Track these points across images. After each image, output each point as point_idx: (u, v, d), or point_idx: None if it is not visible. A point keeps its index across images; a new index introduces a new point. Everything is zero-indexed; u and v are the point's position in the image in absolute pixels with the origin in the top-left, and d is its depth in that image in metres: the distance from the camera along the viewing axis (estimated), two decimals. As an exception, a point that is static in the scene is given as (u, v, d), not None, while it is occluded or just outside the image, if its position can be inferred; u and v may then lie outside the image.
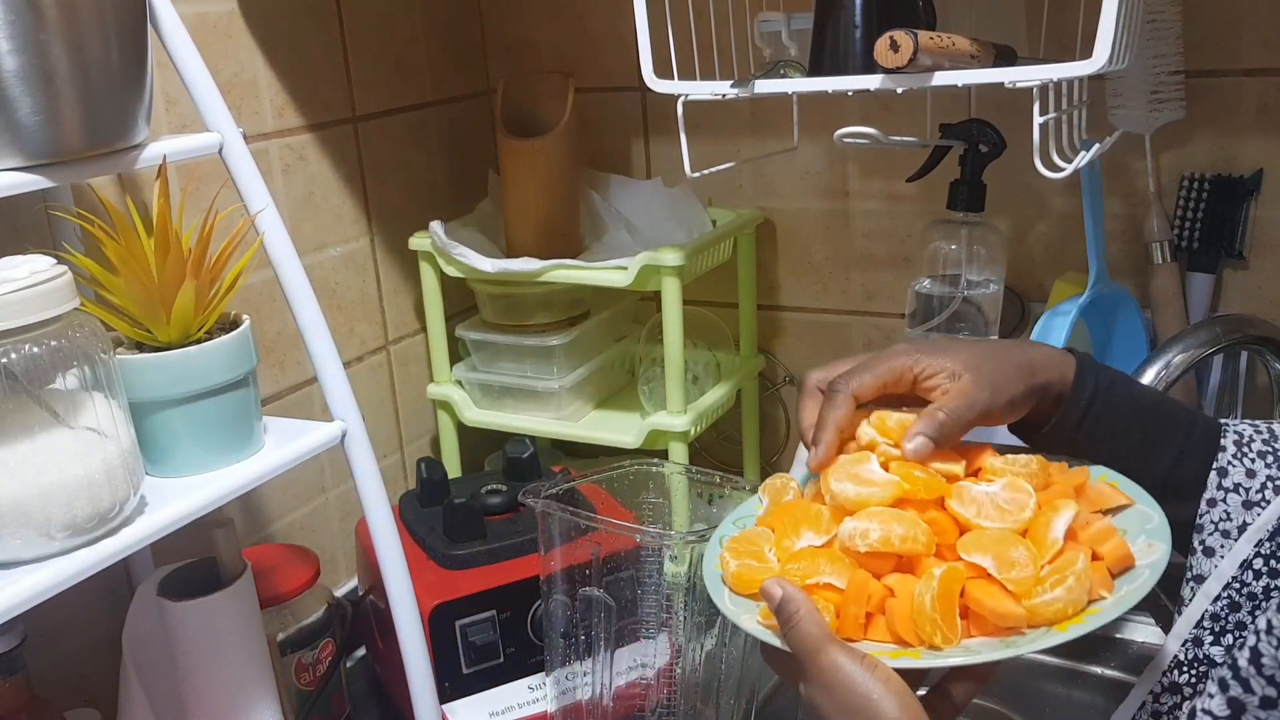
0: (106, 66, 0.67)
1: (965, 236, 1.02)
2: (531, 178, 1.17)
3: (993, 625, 0.58)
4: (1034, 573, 0.58)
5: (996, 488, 0.63)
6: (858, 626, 0.59)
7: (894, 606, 0.59)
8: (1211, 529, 0.68)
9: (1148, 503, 0.64)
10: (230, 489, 0.74)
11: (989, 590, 0.58)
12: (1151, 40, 0.97)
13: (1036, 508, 0.61)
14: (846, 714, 0.55)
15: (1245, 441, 0.69)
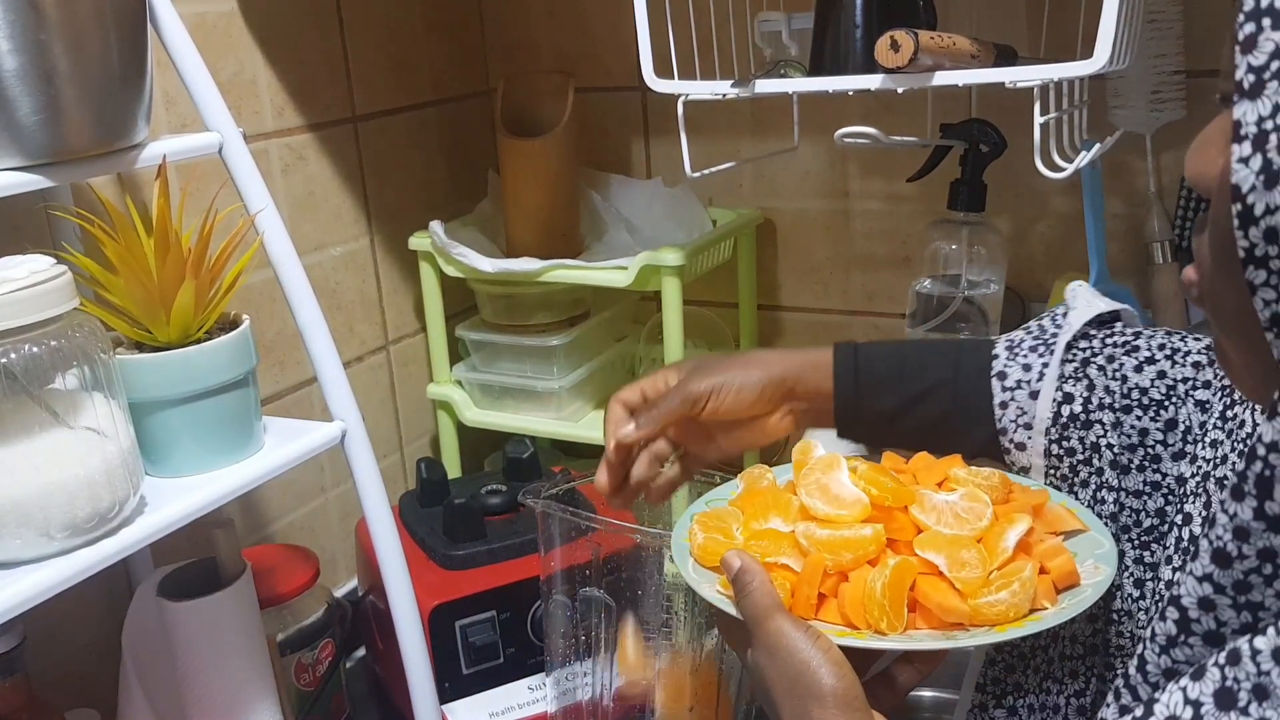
0: (106, 66, 0.67)
1: (966, 236, 1.02)
2: (531, 178, 1.17)
3: (938, 620, 0.61)
4: (982, 574, 0.61)
5: (956, 497, 0.66)
6: (809, 606, 0.62)
7: (845, 590, 0.62)
8: (1013, 427, 0.72)
9: (1100, 531, 0.67)
10: (230, 489, 0.74)
11: (938, 586, 0.61)
12: (1152, 40, 0.97)
13: (993, 518, 0.65)
14: (786, 678, 0.58)
15: (1016, 344, 0.75)
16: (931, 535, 0.64)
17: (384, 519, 0.84)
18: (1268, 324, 0.40)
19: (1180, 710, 0.41)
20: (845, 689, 0.57)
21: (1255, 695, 0.39)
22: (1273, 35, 0.38)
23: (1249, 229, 0.39)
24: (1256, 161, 0.38)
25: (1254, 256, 0.39)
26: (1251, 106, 0.38)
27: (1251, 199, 0.38)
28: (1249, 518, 0.42)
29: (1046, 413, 0.71)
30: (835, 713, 0.56)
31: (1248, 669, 0.39)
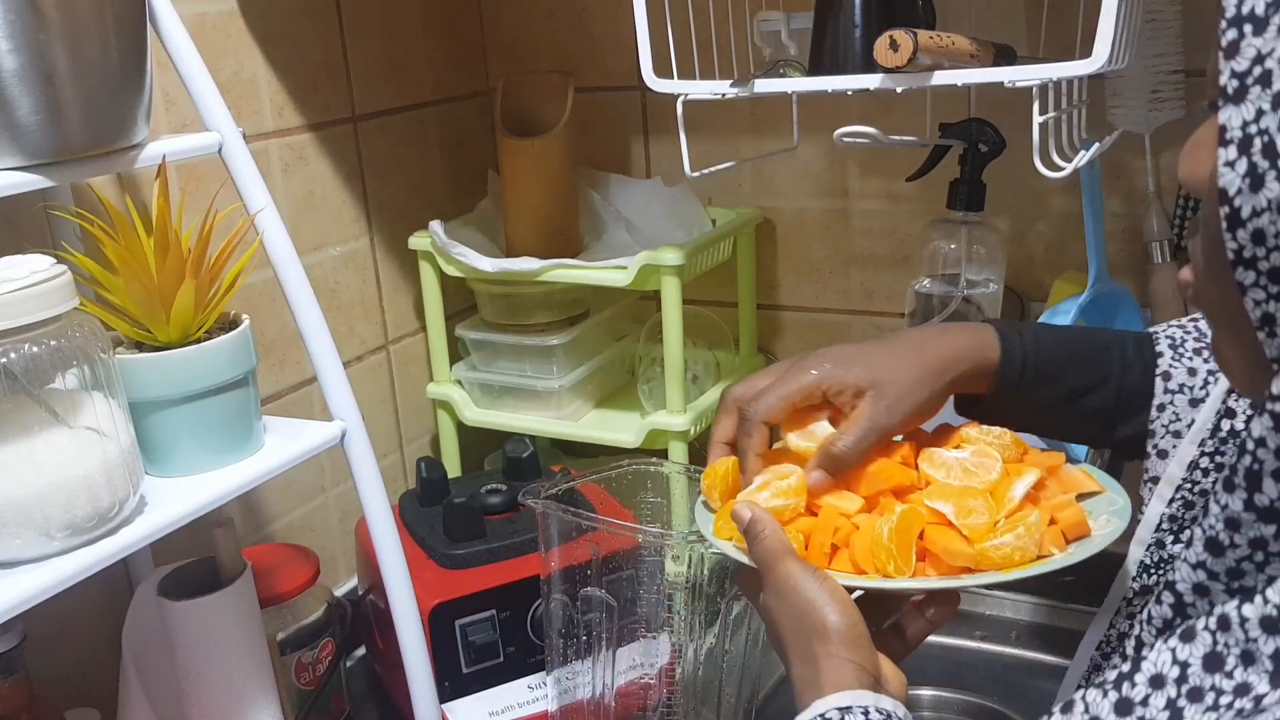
0: (106, 66, 0.67)
1: (965, 236, 1.02)
2: (531, 177, 1.17)
3: (946, 566, 0.63)
4: (989, 521, 0.63)
5: (966, 454, 0.68)
6: (823, 556, 0.65)
7: (856, 539, 0.64)
8: (1163, 432, 0.70)
9: (1116, 490, 0.68)
10: (230, 489, 0.74)
11: (946, 533, 0.63)
12: (1151, 39, 0.97)
13: (1002, 472, 0.67)
14: (794, 616, 0.60)
15: (1179, 343, 0.73)
16: (940, 486, 0.66)
17: (384, 518, 0.84)
18: (1258, 323, 0.41)
19: (1167, 669, 0.42)
20: (848, 626, 0.59)
21: (1242, 661, 0.40)
22: (1254, 41, 0.39)
23: (1237, 231, 0.39)
24: (1242, 165, 0.39)
25: (1243, 258, 0.40)
26: (1236, 111, 0.39)
27: (1238, 202, 0.39)
28: (1240, 509, 0.43)
29: (1208, 423, 0.67)
30: (838, 648, 0.58)
31: (1236, 635, 0.40)
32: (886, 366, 0.68)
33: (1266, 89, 0.38)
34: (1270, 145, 0.38)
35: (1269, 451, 0.40)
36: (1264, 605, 0.39)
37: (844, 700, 0.57)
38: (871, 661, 0.59)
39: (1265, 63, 0.38)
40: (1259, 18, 0.38)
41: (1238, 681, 0.39)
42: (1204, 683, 0.40)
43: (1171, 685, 0.41)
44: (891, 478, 0.67)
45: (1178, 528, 0.68)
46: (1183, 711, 0.40)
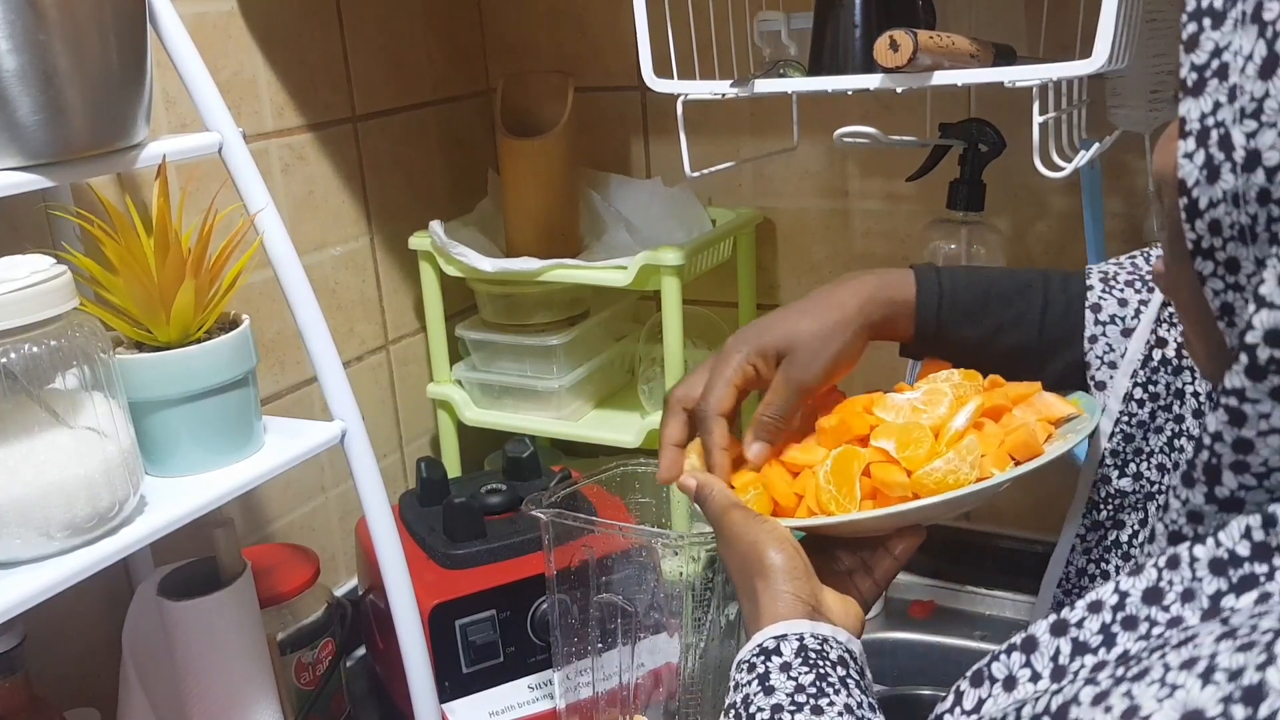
0: (106, 66, 0.67)
1: (965, 236, 1.02)
2: (531, 177, 1.17)
3: (888, 499, 0.66)
4: (927, 451, 0.66)
5: (917, 394, 0.71)
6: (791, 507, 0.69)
7: (805, 485, 0.69)
8: (1098, 364, 0.71)
9: (1091, 409, 0.70)
10: (230, 489, 0.74)
11: (887, 468, 0.66)
12: (1151, 39, 0.97)
13: (951, 406, 0.69)
14: (741, 557, 0.64)
15: (1110, 276, 0.73)
16: (886, 426, 0.69)
17: (384, 518, 0.84)
18: (1218, 313, 0.41)
19: (1106, 597, 0.42)
20: (785, 560, 0.62)
21: (1182, 598, 0.40)
22: (1212, 34, 0.39)
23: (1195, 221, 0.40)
24: (1200, 157, 0.39)
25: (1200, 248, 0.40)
26: (1195, 103, 0.40)
27: (1196, 193, 0.39)
28: (1201, 502, 0.43)
29: (1138, 353, 0.69)
30: (777, 582, 0.61)
31: (1184, 574, 0.40)
32: (799, 326, 0.72)
33: (1223, 82, 0.39)
34: (1226, 138, 0.38)
35: (1225, 445, 0.41)
36: (1215, 548, 0.40)
37: (780, 629, 0.59)
38: (809, 592, 0.62)
39: (1222, 55, 0.39)
40: (1217, 11, 0.39)
41: (1172, 615, 0.39)
42: (1139, 612, 0.41)
43: (1108, 611, 0.41)
44: (851, 429, 0.70)
45: (1120, 462, 0.69)
46: (1115, 637, 0.41)
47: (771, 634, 0.59)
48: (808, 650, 0.58)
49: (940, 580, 1.23)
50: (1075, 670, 0.41)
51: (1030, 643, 0.43)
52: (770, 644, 0.59)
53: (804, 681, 0.56)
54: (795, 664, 0.57)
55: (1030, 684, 0.42)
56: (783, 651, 0.58)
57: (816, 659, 0.58)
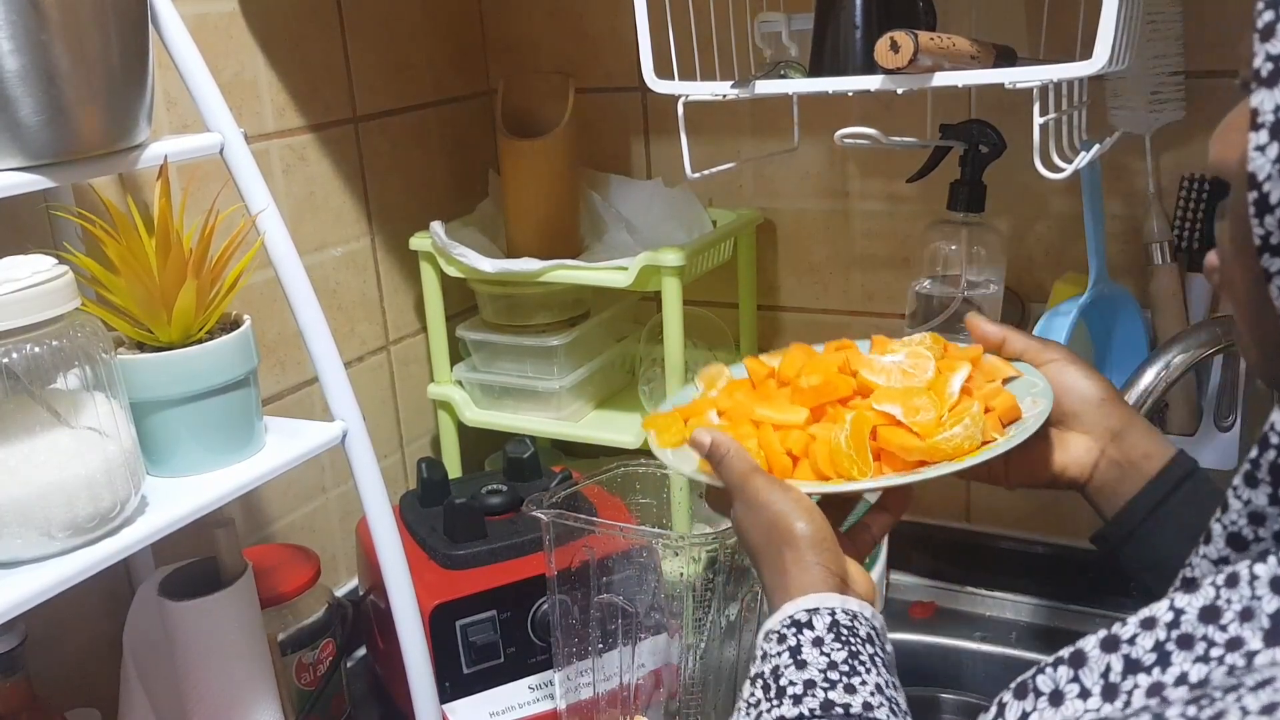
0: (108, 67, 0.67)
1: (965, 237, 1.02)
2: (531, 178, 1.17)
3: (901, 462, 0.68)
4: (936, 417, 0.68)
5: (900, 356, 0.74)
6: (785, 469, 0.70)
7: (815, 449, 0.69)
8: None
9: (1033, 373, 0.74)
10: (231, 489, 0.74)
11: (897, 432, 0.68)
12: (1151, 41, 0.97)
13: (936, 370, 0.73)
14: (763, 527, 0.64)
15: None
16: (884, 390, 0.71)
17: (384, 519, 0.84)
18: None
19: (1161, 614, 0.40)
20: (814, 531, 0.62)
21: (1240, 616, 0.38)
22: None
23: (1264, 217, 0.38)
24: (1273, 150, 0.38)
25: (1269, 244, 0.39)
26: (1269, 95, 0.38)
27: (1268, 187, 0.38)
28: (1264, 503, 0.41)
29: None
30: (806, 553, 0.61)
31: (1242, 592, 0.39)
32: None
33: None
34: None
35: None
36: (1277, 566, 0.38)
37: (811, 602, 0.59)
38: (839, 565, 0.62)
39: None
40: None
41: (1231, 635, 0.38)
42: (1196, 631, 0.39)
43: (1162, 629, 0.40)
44: (835, 390, 0.72)
45: None
46: (1170, 655, 0.39)
47: (804, 606, 0.59)
48: (839, 626, 0.58)
49: (940, 581, 1.23)
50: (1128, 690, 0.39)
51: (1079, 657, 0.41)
52: (802, 616, 0.59)
53: (837, 659, 0.57)
54: (828, 639, 0.58)
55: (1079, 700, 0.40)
56: (815, 625, 0.58)
57: (849, 636, 0.58)
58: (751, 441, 0.71)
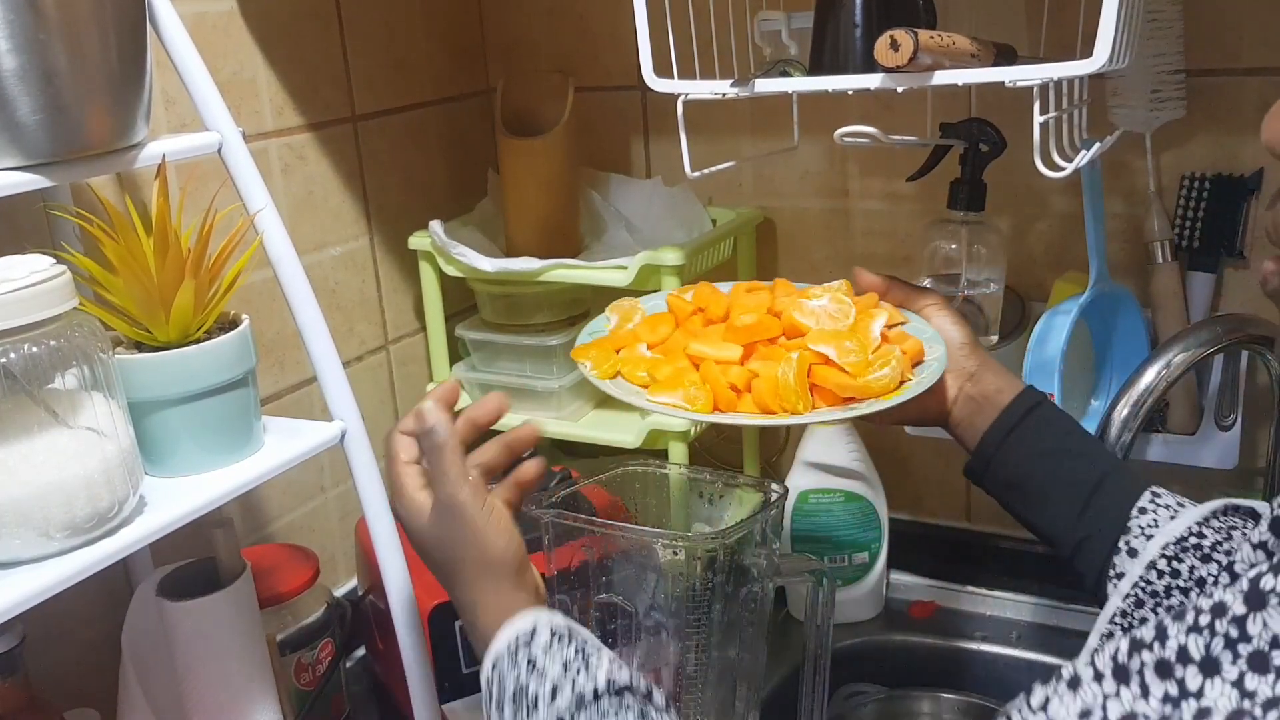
0: (106, 66, 0.67)
1: (965, 236, 1.02)
2: (531, 177, 1.17)
3: (834, 397, 0.76)
4: (864, 358, 0.77)
5: (825, 301, 0.82)
6: (730, 401, 0.76)
7: (759, 385, 0.76)
8: (1138, 532, 0.73)
9: (919, 320, 0.85)
10: (230, 489, 0.74)
11: (830, 371, 0.76)
12: (1152, 39, 0.97)
13: (856, 316, 0.81)
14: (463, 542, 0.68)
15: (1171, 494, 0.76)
16: (818, 332, 0.79)
17: (384, 519, 0.84)
18: None
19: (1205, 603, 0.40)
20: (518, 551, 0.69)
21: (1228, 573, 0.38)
22: None
23: None
24: None
25: None
26: None
27: None
28: None
29: (1178, 530, 0.71)
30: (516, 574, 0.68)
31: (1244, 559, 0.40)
32: None
33: None
34: None
35: None
36: None
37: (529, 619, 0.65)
38: (537, 579, 0.70)
39: None
40: None
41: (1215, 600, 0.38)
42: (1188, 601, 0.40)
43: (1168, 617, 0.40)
44: (767, 329, 0.79)
45: (1127, 623, 0.70)
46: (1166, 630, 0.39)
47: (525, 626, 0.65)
48: (558, 635, 0.64)
49: (940, 581, 1.23)
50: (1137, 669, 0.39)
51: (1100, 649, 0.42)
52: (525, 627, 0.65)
53: (569, 657, 0.63)
54: (554, 645, 0.64)
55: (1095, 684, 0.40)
56: (539, 635, 0.64)
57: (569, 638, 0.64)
58: (693, 374, 0.77)
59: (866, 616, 1.19)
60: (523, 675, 0.62)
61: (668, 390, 0.77)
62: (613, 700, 0.61)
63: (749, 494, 0.95)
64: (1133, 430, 0.91)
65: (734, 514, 0.96)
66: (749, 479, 0.98)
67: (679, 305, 0.86)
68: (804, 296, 0.83)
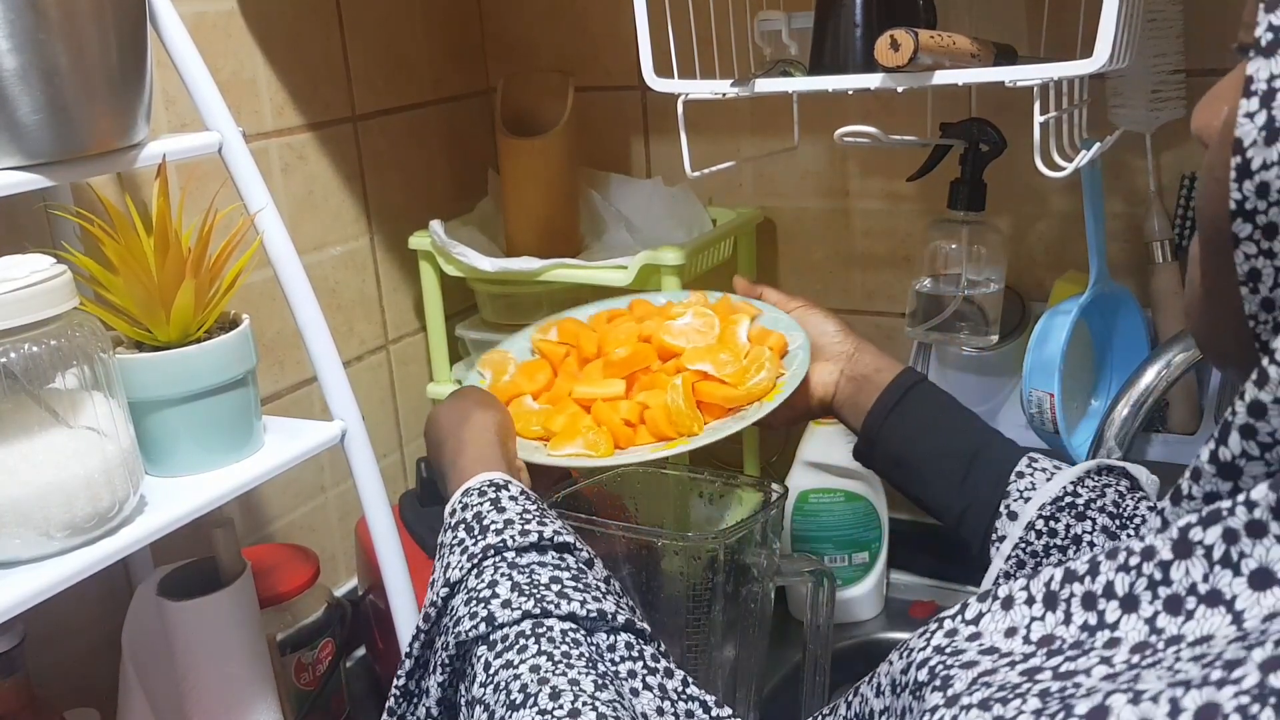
0: (106, 65, 0.67)
1: (966, 236, 1.02)
2: (531, 177, 1.17)
3: (721, 410, 0.80)
4: (741, 366, 0.80)
5: (688, 318, 0.85)
6: (628, 437, 0.80)
7: (652, 415, 0.79)
8: (1016, 495, 0.76)
9: (771, 309, 0.89)
10: (230, 489, 0.74)
11: (712, 385, 0.80)
12: (1152, 39, 0.97)
13: (722, 324, 0.84)
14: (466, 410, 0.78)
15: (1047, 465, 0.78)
16: (694, 350, 0.82)
17: (384, 518, 0.84)
18: (1244, 278, 0.41)
19: None
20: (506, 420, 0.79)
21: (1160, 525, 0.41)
22: None
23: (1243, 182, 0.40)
24: (1261, 118, 0.39)
25: (1243, 209, 0.40)
26: (1265, 64, 0.39)
27: (1251, 153, 0.39)
28: (1205, 460, 0.43)
29: (1054, 491, 0.73)
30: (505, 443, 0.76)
31: None
32: None
33: None
34: None
35: (1243, 406, 0.40)
36: None
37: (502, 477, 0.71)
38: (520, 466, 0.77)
39: None
40: None
41: (1146, 544, 0.40)
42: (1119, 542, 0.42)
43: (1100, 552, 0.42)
44: (644, 358, 0.82)
45: None
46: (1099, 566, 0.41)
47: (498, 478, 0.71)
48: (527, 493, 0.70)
49: (940, 580, 1.23)
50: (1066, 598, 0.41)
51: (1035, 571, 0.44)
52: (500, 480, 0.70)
53: (530, 508, 0.68)
54: (520, 498, 0.69)
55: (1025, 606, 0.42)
56: (510, 489, 0.70)
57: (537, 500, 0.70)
58: (586, 419, 0.80)
59: (866, 616, 1.19)
60: (484, 508, 0.68)
61: (567, 440, 0.80)
62: (554, 554, 0.66)
63: (749, 494, 0.95)
64: (1132, 430, 0.91)
65: (734, 514, 0.96)
66: (749, 479, 0.98)
67: (550, 349, 0.91)
68: (667, 316, 0.87)
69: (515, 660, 0.59)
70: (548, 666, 0.58)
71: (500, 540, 0.65)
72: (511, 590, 0.62)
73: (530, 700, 0.56)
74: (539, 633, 0.60)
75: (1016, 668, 0.39)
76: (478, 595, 0.63)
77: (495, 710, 0.58)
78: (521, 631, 0.60)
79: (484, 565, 0.64)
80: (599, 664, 0.60)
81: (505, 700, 0.57)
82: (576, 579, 0.64)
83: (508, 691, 0.58)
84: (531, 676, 0.58)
